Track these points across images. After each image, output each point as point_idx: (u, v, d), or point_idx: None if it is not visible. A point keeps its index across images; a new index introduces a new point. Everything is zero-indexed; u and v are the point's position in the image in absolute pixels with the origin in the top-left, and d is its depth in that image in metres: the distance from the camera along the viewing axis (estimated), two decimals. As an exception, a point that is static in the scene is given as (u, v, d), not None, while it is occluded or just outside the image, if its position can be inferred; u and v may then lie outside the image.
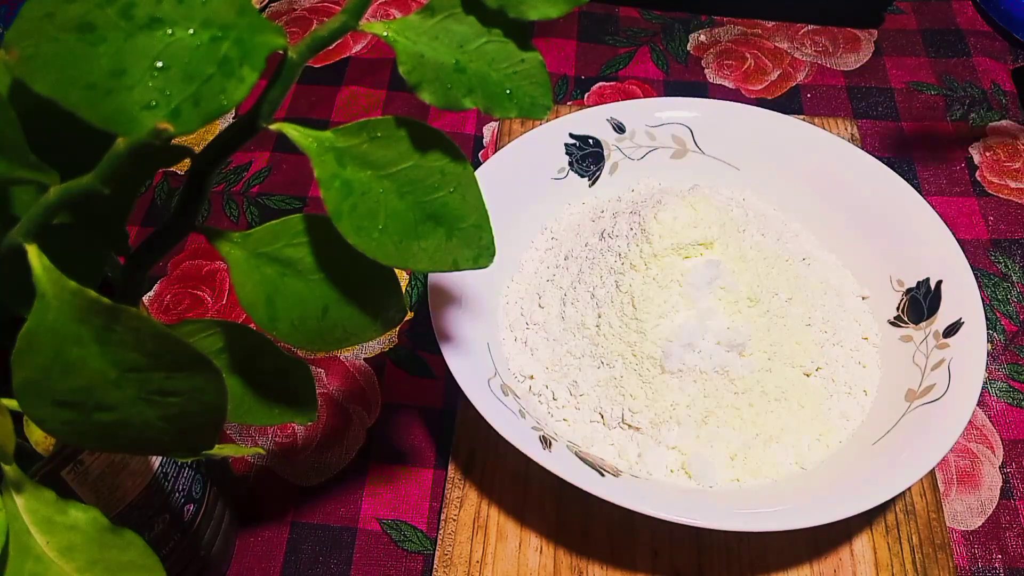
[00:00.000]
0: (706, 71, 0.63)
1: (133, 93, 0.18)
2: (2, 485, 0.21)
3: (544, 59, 0.25)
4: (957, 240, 0.42)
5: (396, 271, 0.26)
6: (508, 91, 0.24)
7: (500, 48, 0.24)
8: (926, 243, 0.43)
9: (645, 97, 0.61)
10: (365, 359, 0.48)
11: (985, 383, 0.45)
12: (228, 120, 0.58)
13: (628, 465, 0.39)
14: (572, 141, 0.49)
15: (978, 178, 0.56)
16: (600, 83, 0.63)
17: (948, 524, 0.41)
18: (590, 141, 0.49)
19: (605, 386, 0.40)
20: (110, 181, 0.19)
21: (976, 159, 0.57)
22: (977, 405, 0.37)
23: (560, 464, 0.35)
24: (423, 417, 0.46)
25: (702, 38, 0.65)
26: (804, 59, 0.63)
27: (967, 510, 0.42)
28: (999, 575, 0.40)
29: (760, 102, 0.60)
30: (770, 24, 0.66)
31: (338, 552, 0.41)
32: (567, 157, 0.49)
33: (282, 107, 0.28)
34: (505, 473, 0.42)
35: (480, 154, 0.58)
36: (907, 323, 0.43)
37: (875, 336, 0.44)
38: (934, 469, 0.42)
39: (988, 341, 0.45)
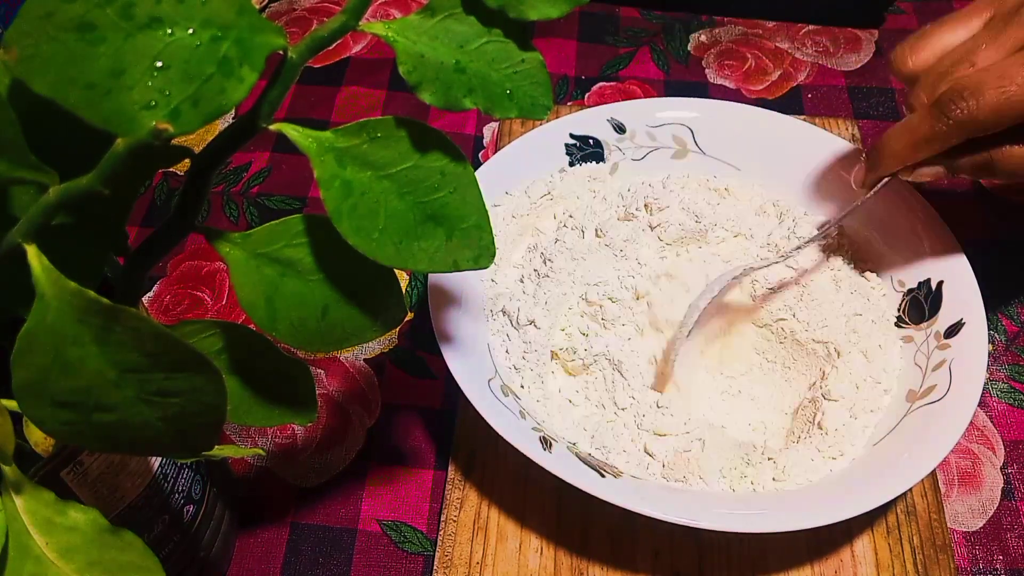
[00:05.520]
0: (707, 71, 0.63)
1: (133, 93, 0.18)
2: (2, 486, 0.21)
3: (544, 59, 0.25)
4: (958, 240, 0.42)
5: (396, 271, 0.26)
6: (508, 91, 0.24)
7: (500, 48, 0.24)
8: (927, 243, 0.43)
9: (646, 97, 0.60)
10: (365, 360, 0.48)
11: (986, 384, 0.45)
12: (228, 120, 0.58)
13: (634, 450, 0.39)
14: (572, 141, 0.49)
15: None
16: (600, 83, 0.62)
17: (949, 525, 0.41)
18: (590, 141, 0.49)
19: (606, 387, 0.40)
20: (110, 181, 0.19)
21: (977, 159, 0.57)
22: (978, 406, 0.37)
23: (560, 465, 0.35)
24: (423, 417, 0.46)
25: (703, 38, 0.65)
26: (805, 59, 0.63)
27: (968, 511, 0.42)
28: (1000, 576, 0.40)
29: (761, 102, 0.60)
30: (771, 24, 0.66)
31: (338, 553, 0.41)
32: (567, 157, 0.49)
33: (282, 107, 0.28)
34: (505, 474, 0.42)
35: (480, 154, 0.58)
36: (908, 324, 0.43)
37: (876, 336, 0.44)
38: (935, 470, 0.42)
39: (989, 342, 0.45)
